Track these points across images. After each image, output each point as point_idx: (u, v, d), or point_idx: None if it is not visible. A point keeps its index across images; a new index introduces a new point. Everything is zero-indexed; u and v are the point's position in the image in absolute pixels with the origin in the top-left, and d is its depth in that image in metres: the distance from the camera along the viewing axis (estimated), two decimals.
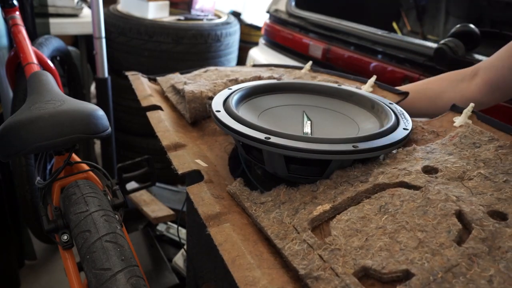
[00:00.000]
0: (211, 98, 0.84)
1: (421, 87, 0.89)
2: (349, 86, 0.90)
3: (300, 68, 1.09)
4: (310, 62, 1.08)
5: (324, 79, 0.99)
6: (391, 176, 0.58)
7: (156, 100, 0.90)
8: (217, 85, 0.88)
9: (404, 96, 0.86)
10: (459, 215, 0.50)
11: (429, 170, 0.59)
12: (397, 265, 0.45)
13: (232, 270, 0.48)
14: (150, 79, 1.06)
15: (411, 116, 0.74)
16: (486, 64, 0.82)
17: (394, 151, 0.65)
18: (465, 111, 0.71)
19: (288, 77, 0.99)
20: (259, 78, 0.91)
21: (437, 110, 0.84)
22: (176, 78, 0.98)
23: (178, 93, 0.94)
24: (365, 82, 0.95)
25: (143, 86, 0.96)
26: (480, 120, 0.70)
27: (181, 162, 0.67)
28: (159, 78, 1.03)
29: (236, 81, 0.90)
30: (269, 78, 0.91)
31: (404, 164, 0.61)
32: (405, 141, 0.65)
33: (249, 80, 0.89)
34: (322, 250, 0.49)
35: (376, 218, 0.51)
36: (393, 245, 0.47)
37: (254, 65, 1.17)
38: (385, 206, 0.53)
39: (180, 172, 0.64)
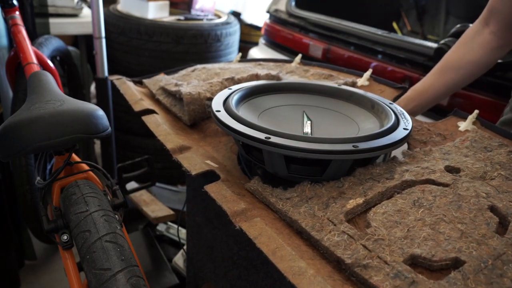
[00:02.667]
0: (209, 99, 0.84)
1: (442, 64, 0.88)
2: (347, 83, 0.90)
3: (290, 61, 1.08)
4: (300, 56, 1.07)
5: (316, 72, 0.98)
6: (416, 174, 0.60)
7: (148, 104, 0.89)
8: (214, 85, 0.87)
9: (402, 91, 0.86)
10: (493, 209, 0.52)
11: (451, 170, 0.61)
12: (446, 253, 0.46)
13: (275, 261, 0.47)
14: (135, 82, 1.04)
15: (446, 95, 0.75)
16: (494, 6, 0.81)
17: (406, 149, 0.66)
18: (469, 117, 0.73)
19: (282, 73, 0.98)
20: (257, 76, 0.90)
21: (468, 78, 0.85)
22: (164, 80, 0.97)
23: (171, 95, 0.92)
24: (359, 75, 0.95)
25: (132, 91, 0.94)
26: (484, 126, 0.71)
27: (192, 163, 0.67)
28: (145, 81, 1.02)
29: (232, 80, 0.88)
30: (266, 75, 0.90)
31: (426, 164, 0.62)
32: (405, 141, 0.65)
33: (246, 79, 0.88)
34: (365, 240, 0.49)
35: (413, 211, 0.52)
36: (437, 236, 0.48)
37: (240, 60, 1.15)
38: (418, 201, 0.54)
39: (193, 173, 0.64)
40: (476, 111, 0.72)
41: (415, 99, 0.88)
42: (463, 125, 0.73)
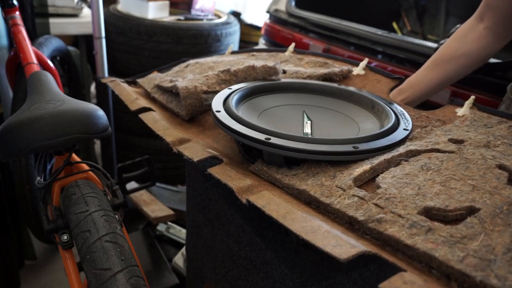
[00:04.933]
0: (206, 92, 0.83)
1: (436, 57, 0.90)
2: (343, 71, 0.90)
3: (283, 50, 1.08)
4: (293, 44, 1.07)
5: (311, 60, 0.98)
6: (421, 146, 0.59)
7: (144, 102, 0.89)
8: (210, 78, 0.85)
9: (398, 81, 0.86)
10: (501, 167, 0.52)
11: (455, 141, 0.61)
12: (460, 203, 0.46)
13: (287, 224, 0.46)
14: (129, 83, 1.03)
15: (441, 88, 0.81)
16: (489, 1, 0.82)
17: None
18: (467, 102, 0.73)
19: (274, 60, 0.97)
20: (253, 67, 0.87)
21: (462, 70, 0.86)
22: (158, 78, 0.96)
23: (166, 92, 0.91)
24: (354, 64, 0.95)
25: (127, 91, 0.94)
26: (481, 110, 0.71)
27: (193, 152, 0.66)
28: (139, 80, 1.01)
29: (228, 72, 0.86)
30: (263, 67, 0.88)
31: (429, 139, 0.62)
32: (406, 142, 0.65)
33: (243, 70, 0.86)
34: (376, 199, 0.49)
35: (421, 174, 0.52)
36: (448, 190, 0.48)
37: (233, 52, 1.14)
38: (426, 165, 0.54)
39: (196, 159, 0.63)
40: (473, 97, 0.72)
41: (407, 90, 0.88)
42: (461, 111, 0.73)
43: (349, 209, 0.48)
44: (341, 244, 0.41)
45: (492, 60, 1.06)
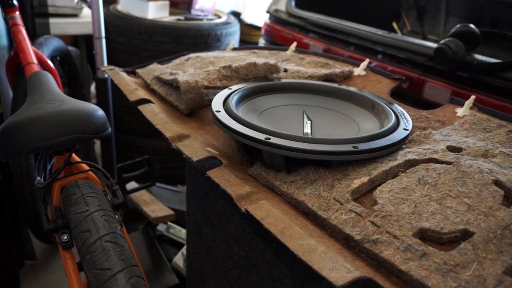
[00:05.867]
0: (207, 88, 0.83)
1: None
2: (344, 72, 0.90)
3: (285, 49, 1.08)
4: (295, 43, 1.07)
5: (312, 60, 0.98)
6: (419, 154, 0.60)
7: (143, 93, 0.88)
8: (211, 73, 0.85)
9: (399, 82, 0.86)
10: (497, 183, 0.52)
11: (453, 149, 0.61)
12: (455, 225, 0.46)
13: (284, 240, 0.47)
14: (128, 73, 1.03)
15: None
16: None
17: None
18: (466, 102, 0.73)
19: (279, 61, 0.97)
20: (255, 64, 0.86)
21: None
22: (158, 69, 0.95)
23: (166, 84, 0.91)
24: (355, 65, 0.95)
25: (126, 81, 0.93)
26: (481, 111, 0.71)
27: (193, 150, 0.66)
28: (139, 71, 1.00)
29: (230, 68, 0.85)
30: (264, 64, 0.88)
31: (427, 145, 0.62)
32: (406, 142, 0.65)
33: (245, 67, 0.85)
34: (373, 217, 0.49)
35: (418, 188, 0.53)
36: (444, 210, 0.49)
37: (234, 49, 1.14)
38: (423, 178, 0.54)
39: (195, 159, 0.63)
40: (473, 97, 0.72)
41: None
42: (460, 111, 0.73)
43: (346, 226, 0.49)
44: (337, 268, 0.42)
45: (492, 60, 1.06)
